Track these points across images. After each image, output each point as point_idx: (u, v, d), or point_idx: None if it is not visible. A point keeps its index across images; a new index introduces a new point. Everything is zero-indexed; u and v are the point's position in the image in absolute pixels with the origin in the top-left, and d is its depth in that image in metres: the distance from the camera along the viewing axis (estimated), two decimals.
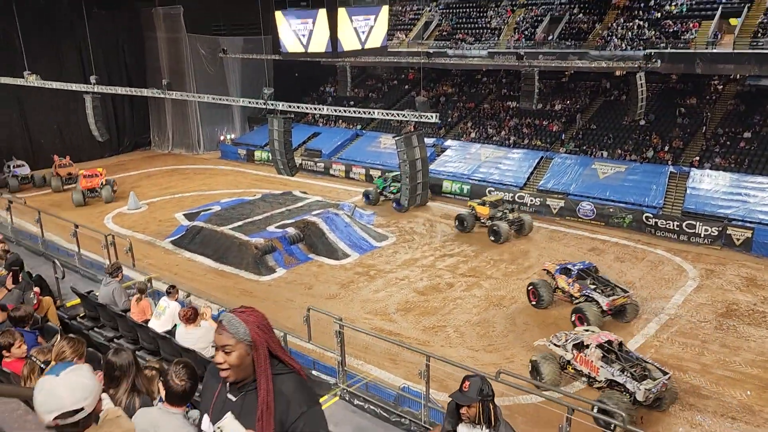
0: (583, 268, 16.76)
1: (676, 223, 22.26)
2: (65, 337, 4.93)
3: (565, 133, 29.58)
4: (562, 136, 29.42)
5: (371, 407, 8.75)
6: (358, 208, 25.80)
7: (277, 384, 2.58)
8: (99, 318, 10.24)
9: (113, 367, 4.04)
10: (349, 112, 24.41)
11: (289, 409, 2.54)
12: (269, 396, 2.54)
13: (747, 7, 25.92)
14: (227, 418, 2.58)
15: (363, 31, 23.66)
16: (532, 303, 17.01)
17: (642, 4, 29.38)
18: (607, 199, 24.46)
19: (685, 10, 27.69)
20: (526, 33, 31.53)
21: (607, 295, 15.71)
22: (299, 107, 25.87)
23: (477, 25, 34.62)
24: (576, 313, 15.54)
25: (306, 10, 22.82)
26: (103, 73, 30.57)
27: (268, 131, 21.99)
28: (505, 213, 22.99)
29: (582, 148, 28.07)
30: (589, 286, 16.12)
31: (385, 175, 28.61)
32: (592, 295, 15.88)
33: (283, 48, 25.06)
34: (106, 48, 35.14)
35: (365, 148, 33.45)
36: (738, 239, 21.02)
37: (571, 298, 16.55)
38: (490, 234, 22.27)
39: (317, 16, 22.65)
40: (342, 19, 22.68)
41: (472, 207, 23.53)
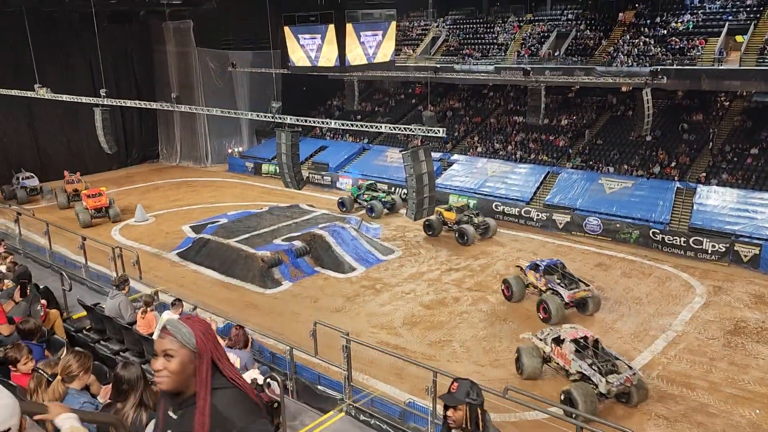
0: (550, 264, 18.09)
1: (683, 239, 22.17)
2: (72, 351, 4.95)
3: (572, 148, 29.61)
4: (568, 151, 29.44)
5: (377, 423, 8.71)
6: (365, 221, 25.84)
7: (214, 400, 2.40)
8: (105, 331, 10.27)
9: (121, 381, 4.05)
10: (356, 126, 24.47)
11: (225, 425, 2.36)
12: (205, 413, 2.36)
13: (753, 24, 26.02)
14: None
15: (370, 46, 23.94)
16: (506, 296, 18.39)
17: (648, 21, 29.51)
18: (613, 215, 24.40)
19: (691, 27, 27.80)
20: (533, 48, 31.67)
21: (570, 288, 16.98)
22: (307, 121, 26.00)
23: (484, 41, 34.81)
24: (541, 305, 16.96)
25: (314, 25, 23.15)
26: (112, 86, 30.86)
27: (276, 144, 22.12)
28: (470, 217, 24.27)
29: (588, 163, 28.07)
30: (555, 280, 17.40)
31: (359, 183, 29.85)
32: (556, 288, 17.16)
33: (291, 62, 25.38)
34: (116, 61, 35.49)
35: (372, 162, 33.55)
36: (746, 256, 20.90)
37: (540, 292, 17.77)
38: (458, 237, 23.62)
39: (325, 32, 22.94)
40: (350, 34, 22.94)
41: (439, 212, 24.29)
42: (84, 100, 26.11)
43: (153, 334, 9.46)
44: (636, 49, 27.89)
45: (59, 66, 32.62)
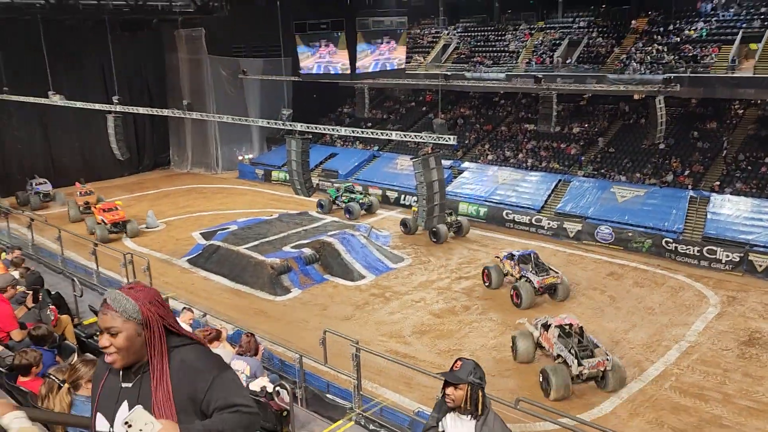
0: (524, 254, 19.61)
1: (696, 248, 21.95)
2: (82, 359, 4.93)
3: (584, 156, 29.45)
4: (580, 159, 29.28)
5: None
6: (374, 229, 25.80)
7: (180, 355, 2.36)
8: None
9: None
10: (367, 133, 24.54)
11: (196, 377, 2.30)
12: (164, 377, 2.29)
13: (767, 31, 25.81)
14: (137, 410, 2.17)
15: (381, 53, 23.98)
16: (485, 284, 20.07)
17: (661, 29, 29.36)
18: (625, 223, 24.20)
19: (705, 34, 27.61)
20: (544, 56, 31.60)
21: (540, 275, 18.53)
22: (317, 128, 26.08)
23: (495, 48, 34.78)
24: (513, 291, 18.67)
25: (325, 33, 23.22)
26: (125, 93, 31.04)
27: (286, 152, 22.19)
28: (444, 217, 24.64)
29: (600, 171, 27.90)
30: (528, 268, 18.89)
31: (337, 185, 30.52)
32: (527, 275, 18.75)
33: (302, 69, 25.47)
34: (129, 69, 35.75)
35: (382, 169, 33.54)
36: (760, 266, 20.64)
37: (515, 279, 19.28)
38: (431, 235, 24.58)
39: (336, 39, 23.03)
40: (360, 42, 23.00)
41: (414, 212, 25.43)
42: (97, 107, 26.36)
43: None
44: (649, 57, 27.73)
45: (72, 73, 32.88)
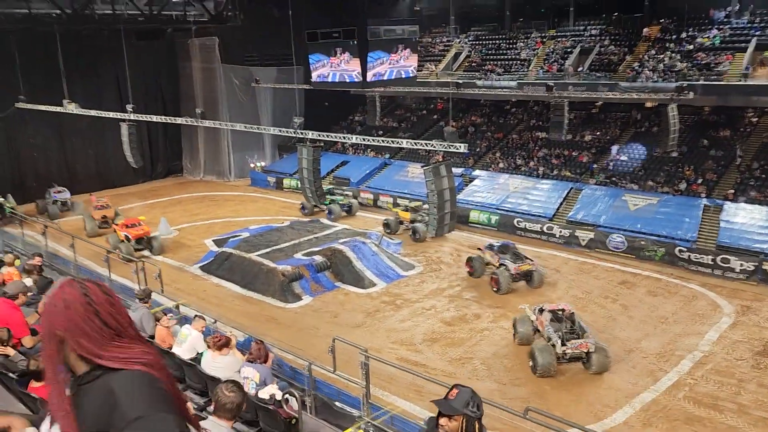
0: (503, 244, 21.44)
1: (710, 257, 21.72)
2: None
3: (596, 164, 29.31)
4: (592, 167, 29.14)
5: None
6: (385, 236, 25.81)
7: (109, 381, 1.81)
8: None
9: None
10: (378, 141, 24.63)
11: (113, 413, 1.75)
12: (63, 404, 1.86)
13: None
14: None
15: (393, 62, 24.04)
16: (468, 272, 21.39)
17: (674, 37, 29.23)
18: (638, 232, 24.01)
19: (718, 42, 27.46)
20: (556, 64, 31.54)
21: (516, 263, 20.08)
22: (328, 136, 26.21)
23: (506, 56, 34.78)
24: (492, 277, 20.18)
25: (337, 41, 23.34)
26: (139, 101, 31.35)
27: (298, 159, 22.38)
28: (423, 216, 25.98)
29: (612, 179, 27.75)
30: (506, 257, 20.36)
31: (327, 188, 31.24)
32: (505, 263, 20.16)
33: (314, 78, 25.61)
34: (143, 77, 36.11)
35: (393, 177, 33.55)
36: None
37: (496, 268, 20.56)
38: (411, 234, 25.71)
39: (348, 48, 23.13)
40: (372, 50, 23.08)
41: (396, 213, 27.43)
42: (111, 115, 26.64)
43: (171, 348, 9.51)
44: (661, 65, 27.60)
45: (87, 82, 33.30)
